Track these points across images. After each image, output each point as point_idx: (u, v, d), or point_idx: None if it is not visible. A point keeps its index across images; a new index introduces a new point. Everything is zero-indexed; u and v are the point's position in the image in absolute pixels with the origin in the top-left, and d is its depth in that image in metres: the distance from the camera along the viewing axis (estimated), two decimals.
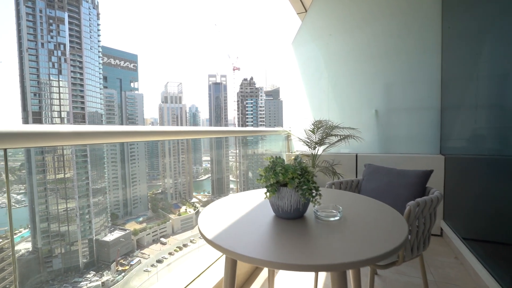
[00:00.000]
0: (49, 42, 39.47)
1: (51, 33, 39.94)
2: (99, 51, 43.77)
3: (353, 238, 0.84)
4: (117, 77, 64.91)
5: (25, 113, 37.35)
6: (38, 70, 38.59)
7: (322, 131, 2.83)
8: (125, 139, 1.11)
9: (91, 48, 42.26)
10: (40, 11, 39.57)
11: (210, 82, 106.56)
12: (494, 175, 1.67)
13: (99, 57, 43.76)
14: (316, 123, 2.87)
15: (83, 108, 39.99)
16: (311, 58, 3.40)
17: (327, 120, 2.95)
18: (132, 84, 66.24)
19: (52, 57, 39.84)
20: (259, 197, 1.30)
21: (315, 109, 3.39)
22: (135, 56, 69.26)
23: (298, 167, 0.96)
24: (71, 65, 40.29)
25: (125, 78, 65.72)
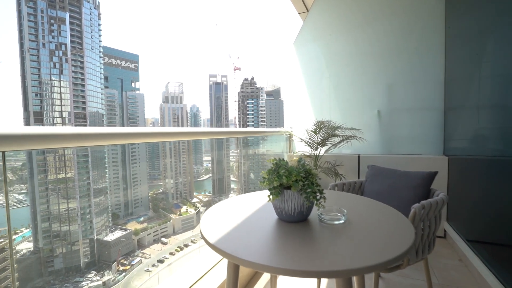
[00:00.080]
0: (51, 42, 39.59)
1: (53, 33, 40.07)
2: (100, 51, 43.89)
3: (358, 243, 0.82)
4: (118, 77, 64.93)
5: (27, 113, 37.47)
6: (39, 70, 38.72)
7: (324, 132, 2.81)
8: (126, 141, 1.10)
9: (92, 48, 42.37)
10: (42, 11, 39.69)
11: (211, 82, 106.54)
12: (499, 176, 1.65)
13: (100, 57, 43.89)
14: (318, 123, 2.85)
15: (84, 108, 40.10)
16: (313, 58, 3.38)
17: (329, 121, 2.93)
18: (133, 84, 66.28)
19: (54, 57, 39.97)
20: (261, 199, 1.29)
21: (316, 109, 3.37)
22: (136, 56, 69.32)
23: (302, 170, 0.94)
24: (72, 65, 40.41)
25: (126, 78, 65.75)
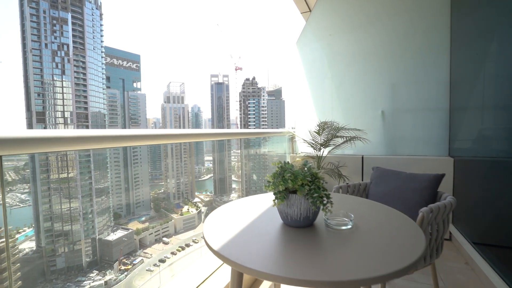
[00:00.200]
0: (53, 42, 39.71)
1: (55, 34, 40.18)
2: (102, 52, 43.96)
3: (366, 250, 0.79)
4: (120, 77, 65.06)
5: (29, 113, 37.63)
6: (41, 70, 38.86)
7: (327, 133, 2.78)
8: (128, 144, 1.08)
9: (94, 49, 42.47)
10: (44, 12, 39.81)
11: (212, 82, 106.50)
12: (506, 178, 1.61)
13: (102, 57, 43.96)
14: (322, 124, 2.82)
15: (86, 108, 40.19)
16: (316, 58, 3.35)
17: (332, 121, 2.90)
18: (134, 84, 66.42)
19: (56, 58, 40.08)
20: (266, 202, 1.26)
21: (319, 109, 3.33)
22: (138, 56, 69.44)
23: (308, 173, 0.92)
24: (74, 65, 40.51)
25: (128, 78, 65.88)
